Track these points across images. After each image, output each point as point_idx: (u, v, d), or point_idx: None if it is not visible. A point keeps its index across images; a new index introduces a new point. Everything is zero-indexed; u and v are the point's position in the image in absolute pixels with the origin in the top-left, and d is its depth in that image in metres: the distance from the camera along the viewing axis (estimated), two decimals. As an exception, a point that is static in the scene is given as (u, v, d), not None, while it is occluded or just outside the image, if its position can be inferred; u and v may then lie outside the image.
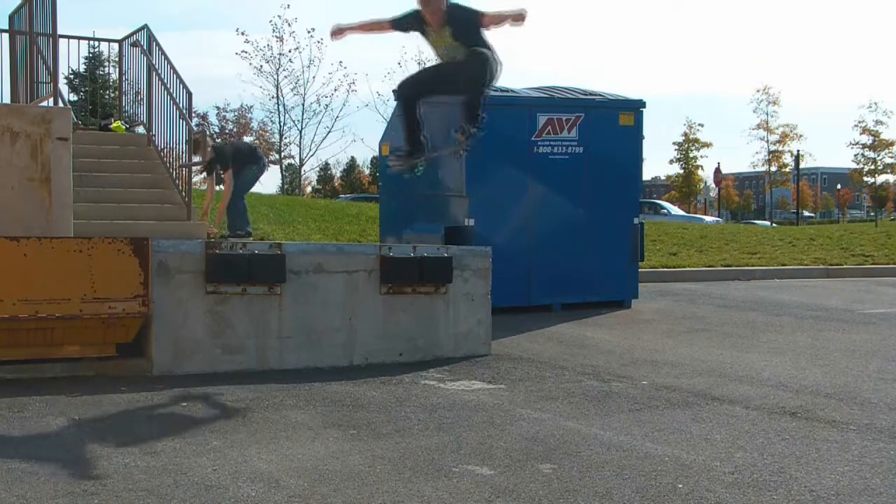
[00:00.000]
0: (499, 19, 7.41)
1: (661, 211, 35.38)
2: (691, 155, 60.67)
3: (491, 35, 7.44)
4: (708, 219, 36.49)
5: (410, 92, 7.85)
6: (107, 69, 27.98)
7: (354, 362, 6.95)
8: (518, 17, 7.49)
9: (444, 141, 8.17)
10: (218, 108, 56.87)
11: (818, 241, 19.30)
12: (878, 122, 51.17)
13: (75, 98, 26.19)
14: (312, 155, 47.91)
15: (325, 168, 73.80)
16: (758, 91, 59.33)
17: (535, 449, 4.71)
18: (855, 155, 53.21)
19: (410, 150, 7.80)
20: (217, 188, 13.41)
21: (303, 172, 53.89)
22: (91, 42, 18.21)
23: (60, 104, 9.43)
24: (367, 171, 75.61)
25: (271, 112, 52.68)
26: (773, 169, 60.09)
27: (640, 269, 11.16)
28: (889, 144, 52.03)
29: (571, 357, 7.54)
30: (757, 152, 66.42)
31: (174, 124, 11.34)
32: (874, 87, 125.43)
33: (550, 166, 10.18)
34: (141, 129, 12.84)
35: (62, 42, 11.17)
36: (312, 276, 6.86)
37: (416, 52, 55.65)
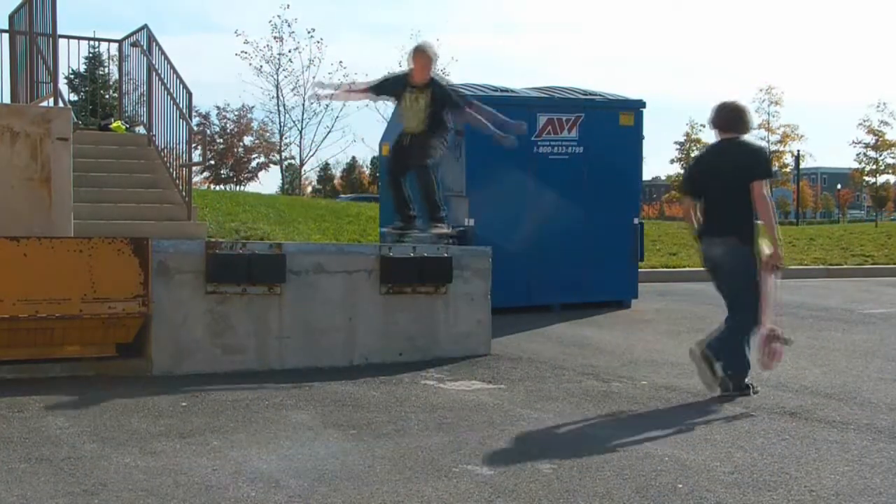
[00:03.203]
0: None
1: None
2: (692, 155, 60.67)
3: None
4: None
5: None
6: (107, 69, 28.01)
7: (354, 362, 6.95)
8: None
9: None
10: (218, 108, 57.02)
11: (818, 241, 19.31)
12: (883, 123, 51.16)
13: (75, 98, 26.17)
14: (312, 155, 48.03)
15: (326, 168, 73.86)
16: (760, 90, 59.33)
17: (535, 449, 4.71)
18: (857, 154, 53.19)
19: (403, 225, 8.33)
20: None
21: (303, 172, 53.96)
22: (91, 42, 18.21)
23: (60, 104, 9.42)
24: (367, 171, 75.62)
25: (271, 112, 52.79)
26: (774, 169, 60.06)
27: (640, 269, 11.15)
28: (892, 145, 52.00)
29: (571, 357, 7.54)
30: (758, 152, 66.24)
31: (174, 124, 11.33)
32: (879, 87, 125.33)
33: (550, 166, 10.17)
34: (141, 129, 12.83)
35: (62, 42, 11.14)
36: (312, 276, 6.86)
37: (416, 53, 55.76)
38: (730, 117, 6.18)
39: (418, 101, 8.04)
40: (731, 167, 6.05)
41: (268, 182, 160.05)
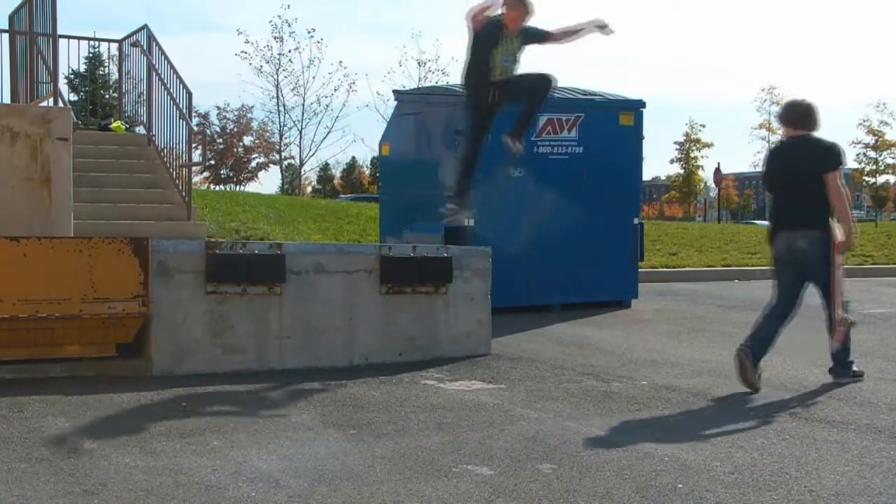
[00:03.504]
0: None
1: None
2: (692, 155, 60.65)
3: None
4: None
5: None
6: (107, 69, 28.03)
7: (354, 362, 6.95)
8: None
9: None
10: (219, 108, 57.04)
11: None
12: (882, 123, 51.08)
13: (75, 98, 26.20)
14: (312, 155, 48.02)
15: (325, 168, 73.89)
16: (762, 90, 59.45)
17: (535, 449, 4.71)
18: (857, 154, 53.09)
19: (461, 200, 8.00)
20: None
21: (303, 172, 53.96)
22: (91, 42, 18.22)
23: (60, 104, 9.43)
24: (367, 172, 75.67)
25: (271, 112, 52.80)
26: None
27: (640, 269, 11.15)
28: (892, 145, 51.91)
29: (571, 357, 7.54)
30: (758, 152, 66.38)
31: (174, 124, 11.34)
32: (879, 88, 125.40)
33: (550, 166, 10.17)
34: (141, 129, 12.84)
35: (62, 42, 11.15)
36: (312, 275, 6.86)
37: (416, 52, 55.56)
38: (802, 115, 6.50)
39: (513, 43, 7.93)
40: (807, 163, 6.35)
41: (268, 182, 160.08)
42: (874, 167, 53.50)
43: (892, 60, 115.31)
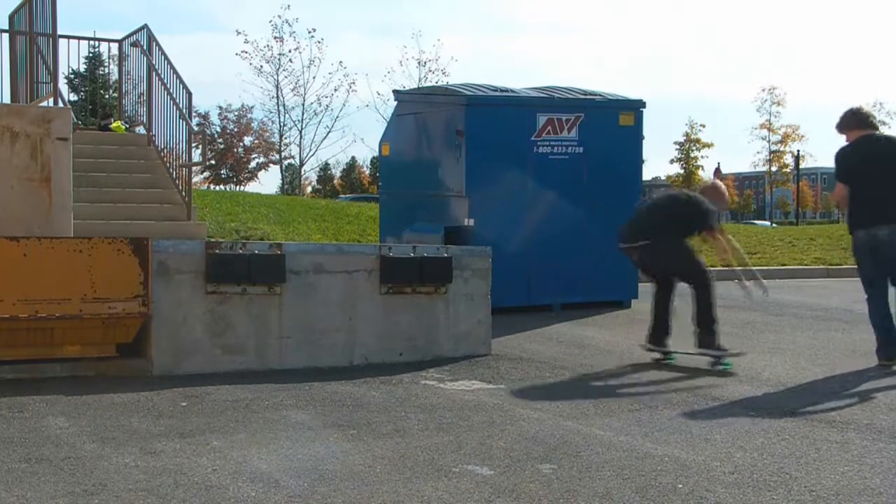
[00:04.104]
0: None
1: None
2: (692, 155, 60.69)
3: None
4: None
5: None
6: (107, 69, 28.07)
7: (354, 362, 6.95)
8: None
9: None
10: (220, 108, 57.04)
11: (818, 241, 19.29)
12: (880, 122, 51.14)
13: (75, 98, 26.23)
14: (312, 155, 48.00)
15: (325, 168, 73.93)
16: (763, 90, 59.34)
17: (535, 449, 4.71)
18: (855, 154, 53.18)
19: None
20: None
21: (303, 172, 53.94)
22: (91, 42, 18.24)
23: (60, 104, 9.43)
24: (367, 172, 75.70)
25: (271, 112, 52.84)
26: (774, 169, 60.14)
27: (640, 269, 11.14)
28: (890, 145, 52.03)
29: (571, 357, 7.54)
30: (758, 152, 66.57)
31: (174, 124, 11.35)
32: (876, 88, 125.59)
33: (550, 166, 10.17)
34: (141, 129, 12.85)
35: (62, 42, 11.17)
36: (312, 275, 6.86)
37: (416, 52, 55.56)
38: (866, 117, 7.18)
39: None
40: (889, 159, 6.92)
41: (268, 182, 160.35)
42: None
43: (889, 60, 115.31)
